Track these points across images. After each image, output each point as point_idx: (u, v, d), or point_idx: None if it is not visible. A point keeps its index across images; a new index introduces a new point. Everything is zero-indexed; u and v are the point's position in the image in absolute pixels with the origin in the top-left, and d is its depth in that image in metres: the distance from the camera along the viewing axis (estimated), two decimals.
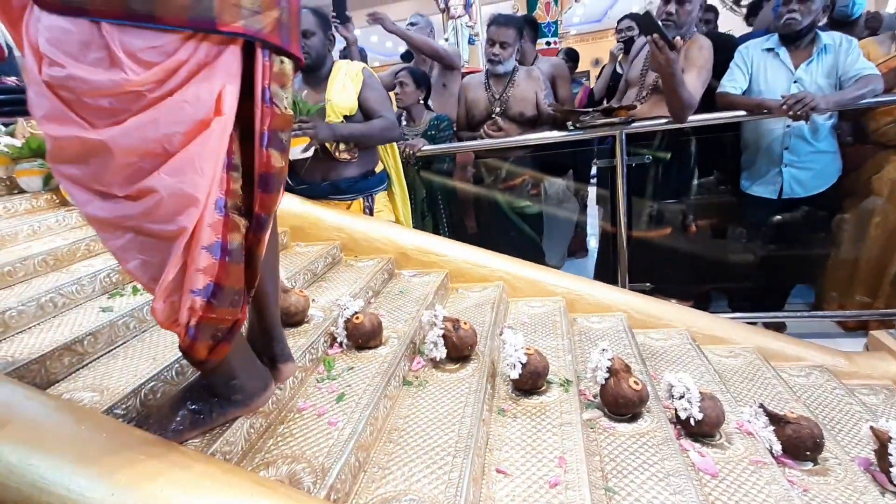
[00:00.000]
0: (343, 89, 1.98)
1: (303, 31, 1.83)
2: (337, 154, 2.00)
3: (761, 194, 2.21)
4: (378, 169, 2.19)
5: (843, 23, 2.33)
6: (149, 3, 0.64)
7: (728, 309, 2.45)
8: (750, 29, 3.19)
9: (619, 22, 3.31)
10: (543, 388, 1.25)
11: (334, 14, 2.52)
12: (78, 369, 1.07)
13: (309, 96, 2.01)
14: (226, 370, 0.90)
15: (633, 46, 2.58)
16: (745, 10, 3.66)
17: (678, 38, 1.95)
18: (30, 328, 1.14)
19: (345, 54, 2.68)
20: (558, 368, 1.33)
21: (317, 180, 2.07)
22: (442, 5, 4.23)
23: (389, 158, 2.29)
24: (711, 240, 2.53)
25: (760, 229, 2.33)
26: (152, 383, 1.02)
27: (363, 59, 3.51)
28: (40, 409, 0.78)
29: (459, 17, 4.18)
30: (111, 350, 1.15)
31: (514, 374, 1.20)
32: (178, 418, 0.88)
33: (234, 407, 0.93)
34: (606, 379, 1.19)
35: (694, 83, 2.06)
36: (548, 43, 5.55)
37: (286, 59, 0.80)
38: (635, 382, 1.17)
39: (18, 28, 0.69)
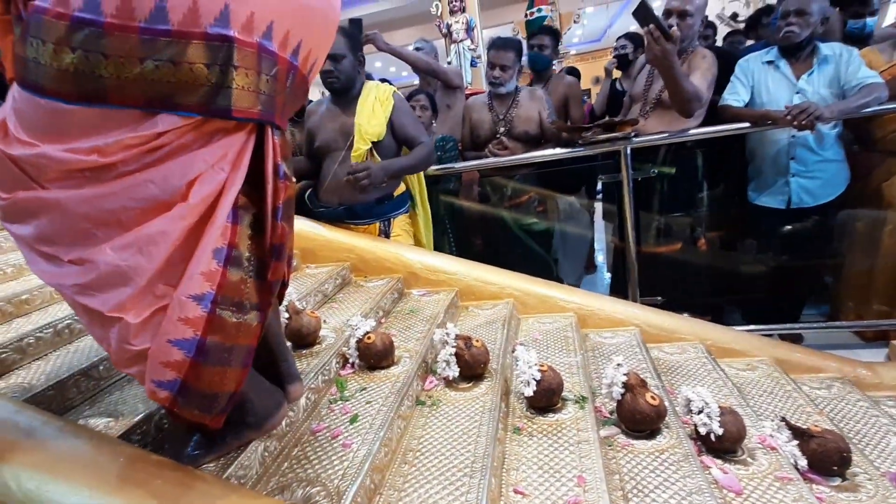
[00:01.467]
0: (372, 114, 1.94)
1: (333, 55, 1.83)
2: (370, 189, 1.95)
3: (770, 205, 2.20)
4: (398, 192, 2.13)
5: (856, 39, 2.35)
6: (167, 91, 0.64)
7: (743, 321, 2.42)
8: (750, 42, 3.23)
9: (616, 40, 3.38)
10: (559, 405, 1.23)
11: None
12: (94, 394, 1.07)
13: (338, 118, 1.98)
14: (237, 395, 0.89)
15: (635, 63, 2.61)
16: (742, 25, 3.71)
17: (674, 28, 1.95)
18: (46, 355, 1.16)
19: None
20: (573, 385, 1.31)
21: (334, 204, 2.06)
22: (444, 30, 4.33)
23: (414, 180, 2.24)
24: (722, 252, 2.51)
25: (771, 240, 2.31)
26: None
27: None
28: (58, 435, 0.79)
29: (461, 40, 4.29)
30: (126, 375, 1.15)
31: (529, 392, 1.18)
32: (193, 443, 0.87)
33: (248, 429, 0.92)
34: (622, 395, 1.17)
35: (699, 81, 2.06)
36: None
37: (284, 131, 0.82)
38: (652, 398, 1.15)
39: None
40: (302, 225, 2.04)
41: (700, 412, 1.13)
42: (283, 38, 0.72)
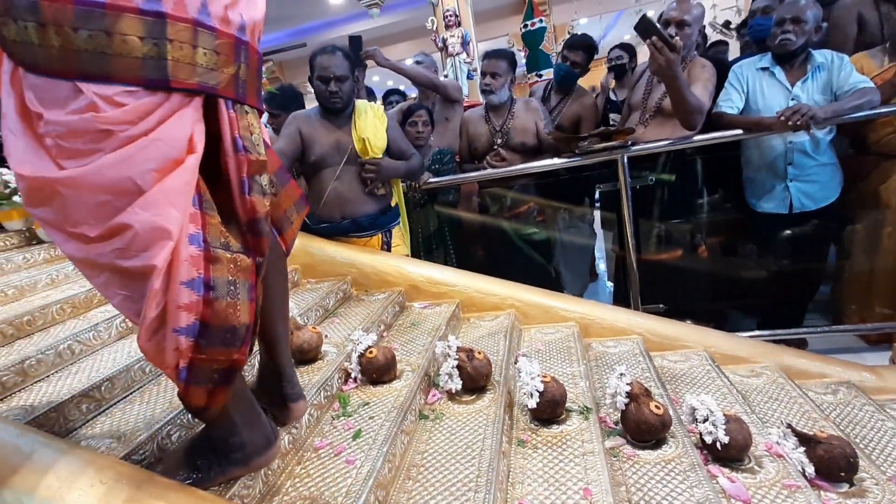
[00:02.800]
0: (376, 128, 2.06)
1: (338, 77, 1.93)
2: (376, 190, 2.09)
3: (771, 210, 2.20)
4: (393, 203, 2.25)
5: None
6: (104, 64, 0.66)
7: (746, 327, 2.41)
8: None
9: (609, 51, 3.39)
10: (563, 416, 1.22)
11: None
12: (96, 416, 1.07)
13: (332, 133, 2.03)
14: (226, 425, 0.87)
15: (634, 71, 2.62)
16: (734, 34, 3.75)
17: (677, 38, 1.98)
18: (48, 376, 1.15)
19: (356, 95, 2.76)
20: (576, 395, 1.31)
21: (336, 218, 2.09)
22: (440, 44, 4.39)
23: (398, 192, 2.34)
24: (723, 258, 2.51)
25: (772, 245, 2.31)
26: (168, 428, 1.02)
27: (372, 97, 3.63)
28: (60, 457, 0.78)
29: (457, 54, 4.34)
30: (128, 395, 1.15)
31: (532, 403, 1.18)
32: (181, 474, 0.86)
33: (233, 465, 0.89)
34: (626, 404, 1.16)
35: (701, 92, 2.09)
36: (538, 75, 5.71)
37: (249, 108, 0.82)
38: (656, 407, 1.14)
39: None
40: (302, 240, 2.05)
41: (705, 420, 1.12)
42: (222, 14, 0.75)
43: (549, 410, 1.19)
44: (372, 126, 2.04)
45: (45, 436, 0.85)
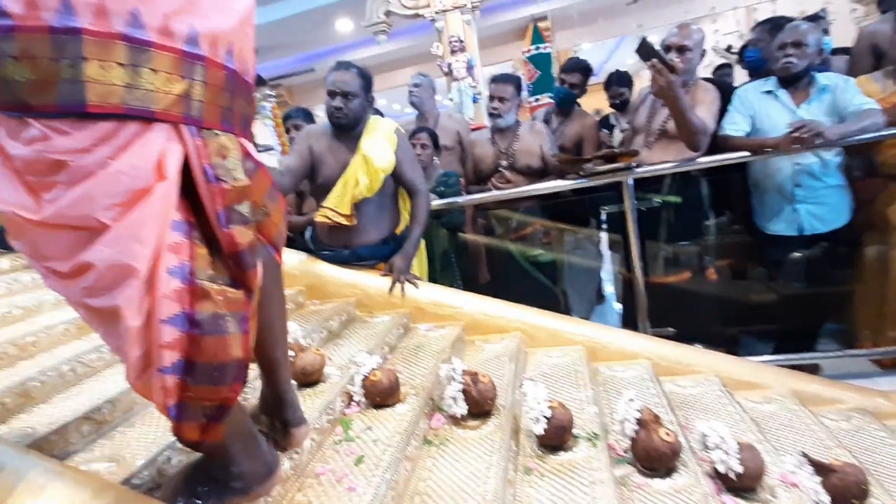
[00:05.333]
0: (381, 147, 1.94)
1: (345, 93, 1.86)
2: (340, 221, 1.95)
3: (781, 232, 2.19)
4: (399, 230, 2.13)
5: None
6: (20, 91, 0.61)
7: (757, 352, 2.36)
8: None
9: (607, 80, 3.36)
10: (570, 443, 1.19)
11: None
12: (96, 439, 1.05)
13: (341, 154, 1.95)
14: (224, 455, 0.85)
15: (637, 94, 2.66)
16: (735, 57, 3.80)
17: (677, 61, 2.00)
18: (50, 398, 1.15)
19: None
20: (584, 421, 1.28)
21: (338, 247, 2.07)
22: (445, 69, 4.46)
23: (405, 219, 2.22)
24: (732, 281, 2.48)
25: (782, 268, 2.28)
26: (167, 452, 1.00)
27: (311, 120, 3.62)
28: (59, 481, 0.77)
29: (462, 78, 4.41)
30: (128, 417, 1.14)
31: (539, 430, 1.15)
32: (181, 501, 0.84)
33: (232, 494, 0.86)
34: (636, 431, 1.13)
35: (705, 114, 2.10)
36: (536, 99, 5.79)
37: (219, 132, 0.75)
38: (667, 433, 1.12)
39: None
40: (306, 261, 2.06)
41: (717, 448, 1.09)
42: (159, 24, 0.66)
43: (557, 437, 1.17)
44: (379, 145, 1.93)
45: (45, 459, 0.83)
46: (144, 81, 0.66)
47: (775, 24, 2.37)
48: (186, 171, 0.72)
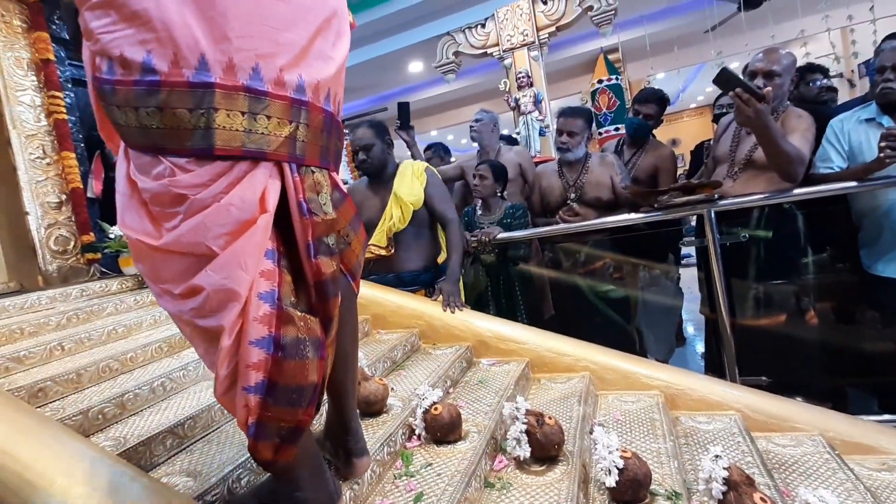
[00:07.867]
0: (411, 185, 2.15)
1: (364, 147, 2.11)
2: (379, 253, 2.16)
3: (892, 275, 1.91)
4: (441, 259, 2.28)
5: None
6: (160, 138, 0.70)
7: (871, 409, 2.04)
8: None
9: (715, 103, 3.27)
10: (647, 500, 1.08)
11: (399, 121, 2.76)
12: (177, 452, 1.12)
13: (378, 196, 2.19)
14: (291, 479, 0.87)
15: (720, 123, 2.51)
16: (832, 81, 3.50)
17: (767, 88, 1.86)
18: (141, 411, 1.25)
19: (410, 154, 2.92)
20: (662, 477, 1.16)
21: (383, 272, 2.24)
22: (512, 104, 4.53)
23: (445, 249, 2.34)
24: (837, 326, 2.19)
25: None
26: (238, 471, 1.04)
27: (447, 153, 3.79)
28: (142, 493, 0.82)
29: (530, 112, 4.44)
30: (207, 434, 1.20)
31: (611, 482, 1.06)
32: None
33: None
34: (724, 493, 1.01)
35: (800, 142, 1.93)
36: (616, 128, 5.65)
37: (315, 169, 0.83)
38: (762, 499, 0.98)
39: (116, 141, 0.80)
40: (372, 291, 2.11)
41: None
42: (275, 77, 0.75)
43: (631, 492, 1.06)
44: (408, 183, 2.14)
45: (132, 469, 0.89)
46: (260, 126, 0.74)
47: None
48: (280, 203, 0.79)
